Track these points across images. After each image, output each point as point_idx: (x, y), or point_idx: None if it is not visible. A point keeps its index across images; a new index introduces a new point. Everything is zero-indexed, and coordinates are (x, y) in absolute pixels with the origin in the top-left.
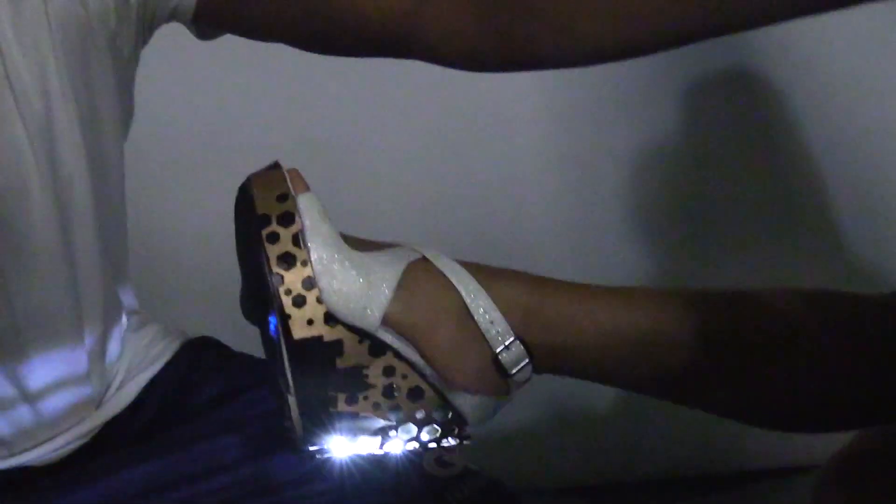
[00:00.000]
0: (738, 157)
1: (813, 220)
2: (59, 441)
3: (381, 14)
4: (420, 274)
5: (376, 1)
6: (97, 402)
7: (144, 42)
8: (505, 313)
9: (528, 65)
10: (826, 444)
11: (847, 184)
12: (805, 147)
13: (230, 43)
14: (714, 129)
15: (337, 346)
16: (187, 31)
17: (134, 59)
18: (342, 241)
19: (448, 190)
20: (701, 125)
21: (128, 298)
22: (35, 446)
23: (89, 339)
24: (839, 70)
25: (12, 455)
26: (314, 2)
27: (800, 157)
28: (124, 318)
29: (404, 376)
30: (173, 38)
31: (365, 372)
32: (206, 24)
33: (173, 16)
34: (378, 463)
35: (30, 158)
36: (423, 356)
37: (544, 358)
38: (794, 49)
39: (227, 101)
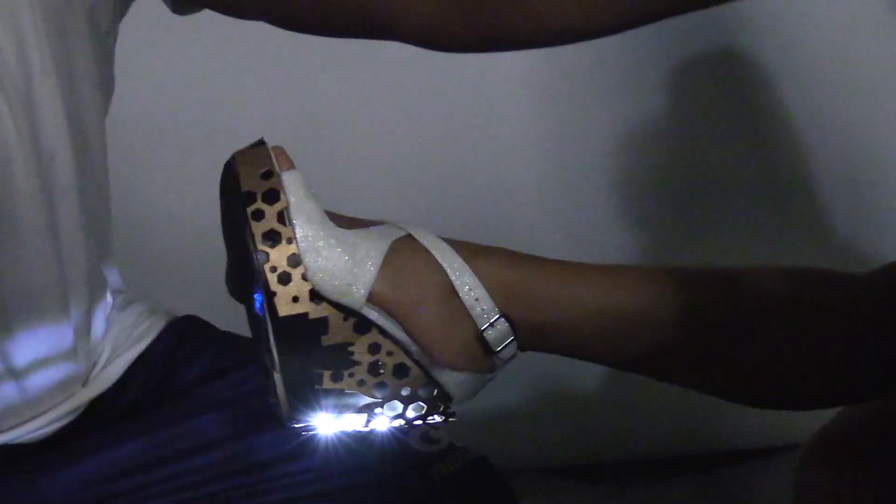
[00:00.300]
0: (726, 139)
1: (802, 201)
2: (45, 419)
3: None
4: (405, 251)
5: None
6: (83, 380)
7: (122, 14)
8: (490, 291)
9: (496, 46)
10: (808, 423)
11: (837, 164)
12: (794, 129)
13: (218, 22)
14: (702, 111)
15: (322, 323)
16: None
17: (112, 33)
18: (327, 219)
19: (436, 172)
20: (689, 108)
21: (113, 277)
22: (21, 424)
23: (75, 315)
24: (829, 51)
25: None
26: None
27: (788, 139)
28: (109, 297)
29: (389, 353)
30: (161, 17)
31: (350, 349)
32: None
33: None
34: (363, 440)
35: (11, 131)
36: (408, 333)
37: (529, 335)
38: (782, 31)
39: (212, 79)
